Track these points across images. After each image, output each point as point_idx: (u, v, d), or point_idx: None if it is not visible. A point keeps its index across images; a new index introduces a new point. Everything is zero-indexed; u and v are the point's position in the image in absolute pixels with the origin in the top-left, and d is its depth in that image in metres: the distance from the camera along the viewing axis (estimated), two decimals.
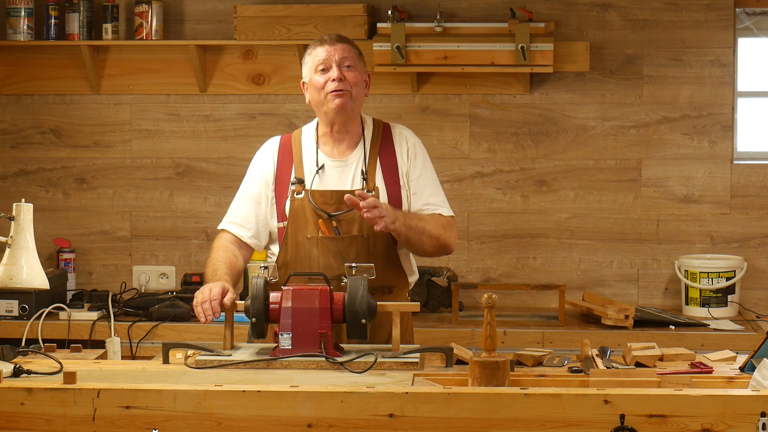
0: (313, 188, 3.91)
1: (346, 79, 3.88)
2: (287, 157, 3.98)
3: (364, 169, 3.92)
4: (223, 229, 4.02)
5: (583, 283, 5.55)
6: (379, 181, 3.93)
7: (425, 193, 3.96)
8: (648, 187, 5.52)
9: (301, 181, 3.92)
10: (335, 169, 3.94)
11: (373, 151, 3.96)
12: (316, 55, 3.92)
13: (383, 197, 3.91)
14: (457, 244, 4.01)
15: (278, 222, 3.96)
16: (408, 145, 4.00)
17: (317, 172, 3.92)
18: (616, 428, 3.02)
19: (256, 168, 4.02)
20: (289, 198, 3.93)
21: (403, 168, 3.97)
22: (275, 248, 3.99)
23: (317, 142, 3.99)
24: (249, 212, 3.98)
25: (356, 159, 3.95)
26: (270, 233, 4.01)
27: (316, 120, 4.05)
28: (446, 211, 3.99)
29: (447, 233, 3.93)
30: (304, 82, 3.99)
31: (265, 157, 4.02)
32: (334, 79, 3.87)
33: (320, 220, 3.88)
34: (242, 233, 3.97)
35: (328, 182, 3.93)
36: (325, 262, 3.84)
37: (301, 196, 3.90)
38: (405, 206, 3.94)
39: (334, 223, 3.89)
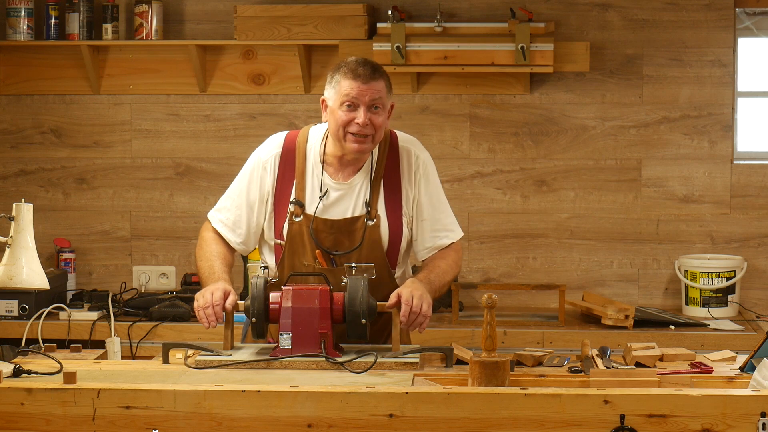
0: (315, 215, 3.75)
1: (372, 123, 3.69)
2: (289, 169, 3.81)
3: (367, 198, 3.77)
4: (212, 225, 3.88)
5: (583, 283, 5.55)
6: (381, 209, 3.78)
7: (434, 218, 3.83)
8: (648, 187, 5.52)
9: (300, 204, 3.77)
10: (337, 192, 3.78)
11: (378, 174, 3.80)
12: (346, 88, 3.69)
13: (384, 226, 3.78)
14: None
15: (275, 238, 3.82)
16: (415, 167, 3.83)
17: (320, 198, 3.76)
18: (616, 428, 3.02)
19: (255, 175, 3.84)
20: (287, 219, 3.78)
21: (408, 194, 3.81)
22: (270, 259, 3.86)
23: (323, 160, 3.81)
24: (241, 217, 3.83)
25: (360, 182, 3.79)
26: (265, 240, 3.87)
27: (326, 127, 3.84)
28: (456, 234, 3.87)
29: (458, 264, 3.87)
30: (324, 100, 3.77)
31: (267, 165, 3.83)
32: (359, 123, 3.68)
33: (317, 251, 3.76)
34: (231, 237, 3.85)
35: (330, 207, 3.77)
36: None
37: (299, 219, 3.77)
38: (405, 234, 3.81)
39: (331, 255, 3.77)
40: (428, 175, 3.85)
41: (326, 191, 3.78)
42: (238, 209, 3.85)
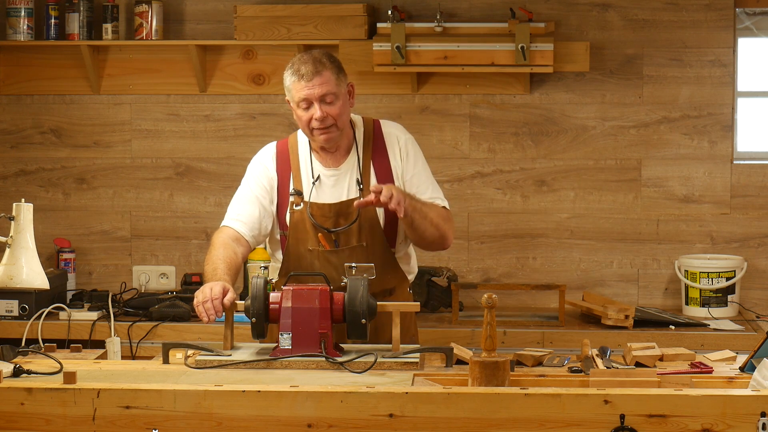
0: (311, 200, 3.93)
1: (329, 114, 3.86)
2: (285, 166, 3.99)
3: (359, 178, 3.94)
4: (224, 225, 4.00)
5: (583, 283, 5.55)
6: None
7: (419, 192, 3.95)
8: (648, 187, 5.52)
9: (299, 193, 3.93)
10: (330, 179, 3.96)
11: (366, 157, 3.97)
12: (296, 91, 3.88)
13: None
14: (453, 240, 4.01)
15: (280, 229, 3.98)
16: (400, 145, 4.00)
17: (313, 184, 3.94)
18: (616, 428, 3.03)
19: (257, 172, 4.02)
20: (288, 209, 3.94)
21: (397, 170, 3.98)
22: (278, 254, 4.01)
23: (311, 150, 4.00)
24: (253, 211, 3.97)
25: (350, 167, 3.97)
26: (271, 237, 4.01)
27: None
28: (442, 202, 3.99)
29: (446, 225, 3.93)
30: (288, 101, 3.95)
31: (266, 162, 4.02)
32: (317, 119, 3.86)
33: (320, 234, 3.90)
34: (244, 230, 3.96)
35: (325, 193, 3.94)
36: (326, 274, 3.81)
37: (299, 207, 3.92)
38: None
39: (333, 236, 3.90)
40: (409, 154, 4.01)
41: (318, 176, 3.95)
42: (250, 204, 3.99)
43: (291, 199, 3.93)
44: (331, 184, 3.95)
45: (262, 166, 4.02)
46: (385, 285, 3.87)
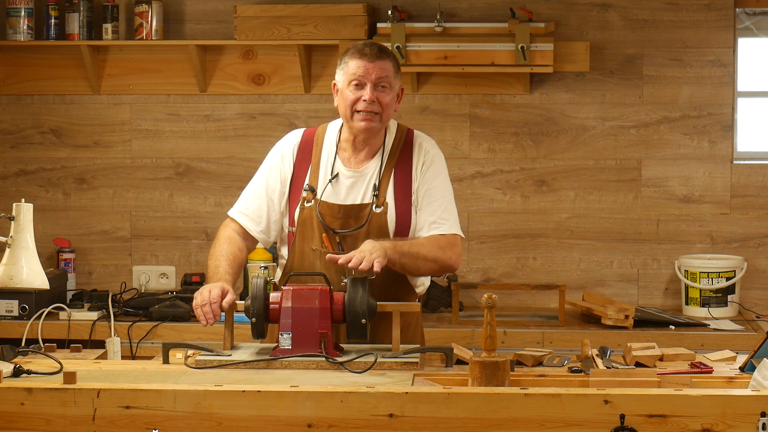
0: (323, 198, 3.84)
1: (379, 101, 3.78)
2: (306, 158, 3.90)
3: (376, 184, 3.84)
4: (232, 218, 3.95)
5: (583, 283, 5.55)
6: (390, 197, 3.84)
7: (429, 210, 3.85)
8: (648, 187, 5.52)
9: (312, 189, 3.84)
10: (349, 179, 3.86)
11: (390, 164, 3.87)
12: (353, 68, 3.78)
13: (391, 213, 3.82)
14: (461, 262, 3.89)
15: (289, 225, 3.90)
16: (425, 159, 3.89)
17: (329, 182, 3.85)
18: (616, 428, 3.03)
19: (274, 163, 3.93)
20: (299, 205, 3.86)
21: (416, 183, 3.87)
22: (284, 249, 3.94)
23: (337, 147, 3.90)
24: (262, 206, 3.90)
25: (372, 170, 3.86)
26: (281, 233, 3.95)
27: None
28: (449, 228, 3.86)
29: (447, 253, 3.80)
30: (335, 84, 3.86)
31: (285, 153, 3.92)
32: (365, 100, 3.77)
33: (324, 234, 3.83)
34: (251, 226, 3.91)
35: (341, 193, 3.85)
36: (327, 275, 3.76)
37: (310, 204, 3.84)
38: (413, 223, 3.85)
39: (338, 239, 3.83)
40: (434, 168, 3.90)
41: (336, 174, 3.86)
42: (258, 198, 3.92)
43: (303, 194, 3.85)
44: (348, 185, 3.85)
45: (281, 156, 3.92)
46: (387, 297, 3.73)
